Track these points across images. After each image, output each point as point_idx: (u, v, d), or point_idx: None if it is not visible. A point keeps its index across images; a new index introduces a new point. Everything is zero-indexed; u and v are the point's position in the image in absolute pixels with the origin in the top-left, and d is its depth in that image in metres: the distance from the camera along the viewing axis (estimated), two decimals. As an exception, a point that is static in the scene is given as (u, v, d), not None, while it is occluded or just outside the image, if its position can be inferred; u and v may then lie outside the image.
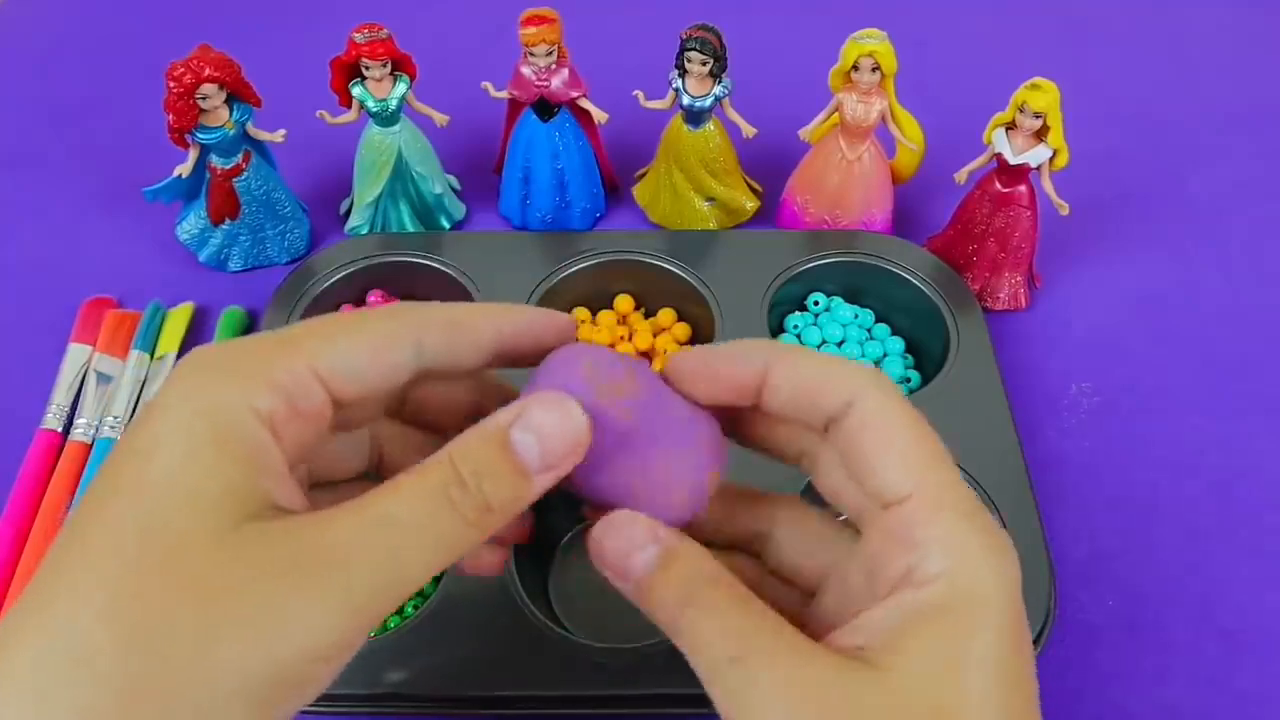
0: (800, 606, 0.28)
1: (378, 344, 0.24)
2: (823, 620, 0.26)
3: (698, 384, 0.27)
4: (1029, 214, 0.54)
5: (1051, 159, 0.52)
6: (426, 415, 0.29)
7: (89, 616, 0.20)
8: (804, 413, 0.26)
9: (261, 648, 0.20)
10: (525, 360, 0.28)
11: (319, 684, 0.22)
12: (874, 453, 0.24)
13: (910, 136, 0.55)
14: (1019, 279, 0.56)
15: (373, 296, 0.56)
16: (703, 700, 0.24)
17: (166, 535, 0.21)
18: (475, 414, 0.25)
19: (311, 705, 0.42)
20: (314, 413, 0.24)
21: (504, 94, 0.57)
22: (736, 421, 0.28)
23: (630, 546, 0.25)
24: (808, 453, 0.27)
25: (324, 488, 0.28)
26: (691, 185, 0.59)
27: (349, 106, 0.55)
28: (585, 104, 0.56)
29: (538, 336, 0.27)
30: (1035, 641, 0.41)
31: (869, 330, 0.55)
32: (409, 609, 0.45)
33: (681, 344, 0.54)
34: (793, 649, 0.23)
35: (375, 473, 0.29)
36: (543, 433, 0.24)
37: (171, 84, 0.51)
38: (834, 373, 0.25)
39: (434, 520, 0.23)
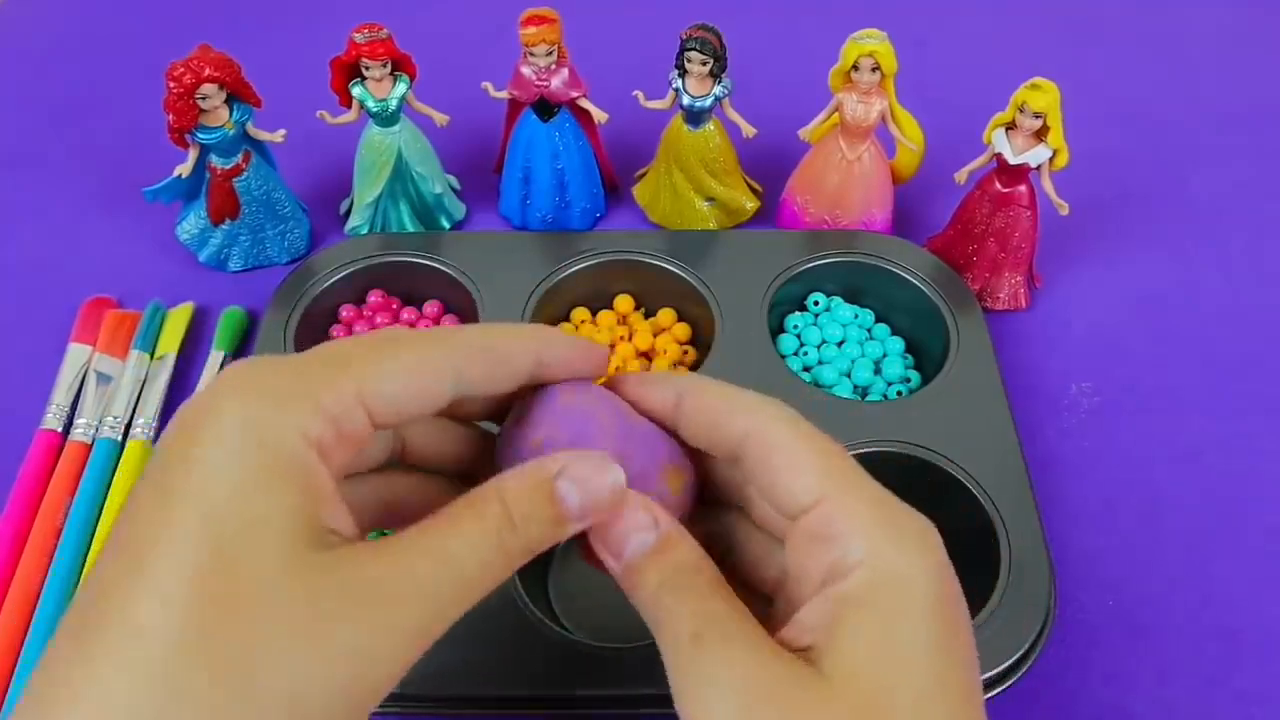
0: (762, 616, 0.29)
1: (421, 373, 0.25)
2: (775, 625, 0.27)
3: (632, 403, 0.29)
4: (1029, 214, 0.54)
5: (1051, 159, 0.52)
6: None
7: (171, 647, 0.20)
8: (714, 444, 0.28)
9: (335, 680, 0.21)
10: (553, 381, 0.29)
11: (373, 708, 0.23)
12: (780, 469, 0.26)
13: (910, 136, 0.55)
14: (1019, 279, 0.56)
15: (373, 296, 0.56)
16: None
17: (238, 566, 0.21)
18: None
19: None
20: (357, 436, 0.24)
21: (504, 94, 0.57)
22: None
23: (631, 528, 0.26)
24: (740, 491, 0.29)
25: (350, 479, 0.28)
26: (691, 185, 0.59)
27: (349, 106, 0.55)
28: (585, 104, 0.56)
29: (574, 367, 0.29)
30: (1035, 642, 0.41)
31: (869, 330, 0.55)
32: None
33: (682, 344, 0.54)
34: (750, 639, 0.24)
35: (399, 460, 0.30)
36: (586, 487, 0.25)
37: (171, 84, 0.51)
38: (734, 402, 0.28)
39: (488, 560, 0.24)
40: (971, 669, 0.24)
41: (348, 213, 0.61)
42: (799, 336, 0.55)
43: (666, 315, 0.55)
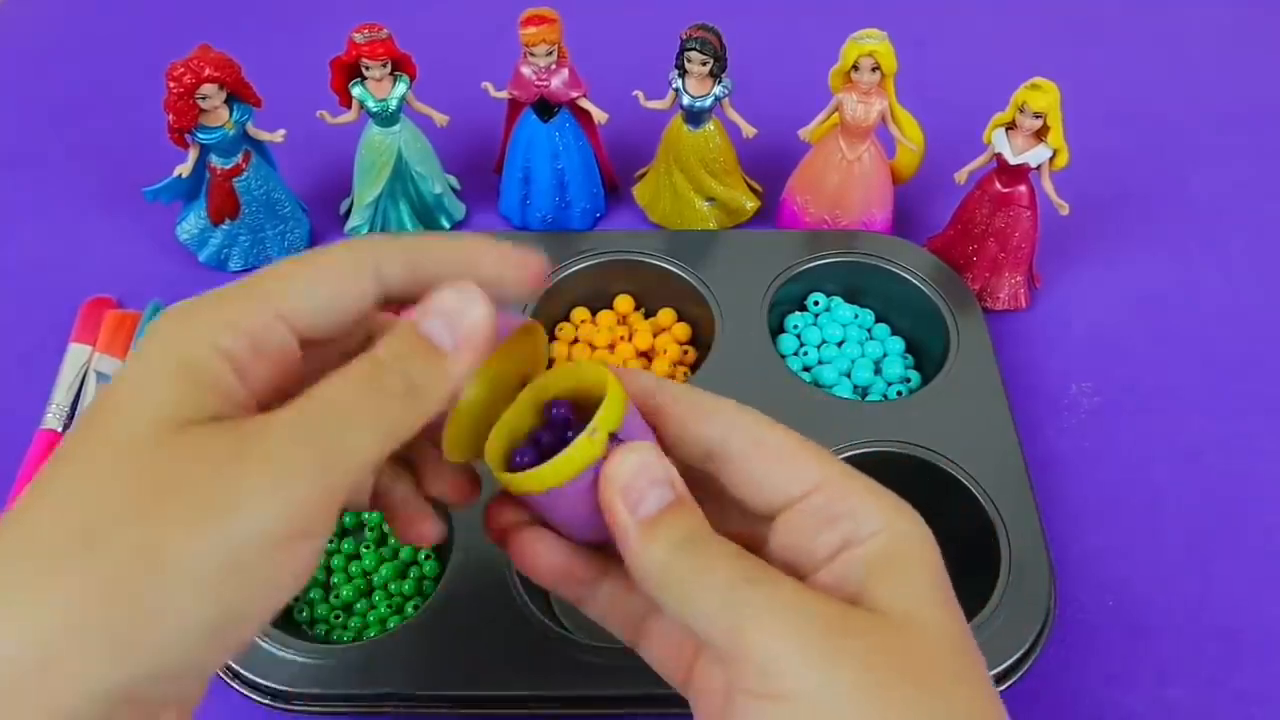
0: None
1: (336, 276, 0.25)
2: None
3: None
4: (1029, 214, 0.54)
5: (1051, 159, 0.52)
6: None
7: (49, 521, 0.21)
8: (691, 439, 0.28)
9: (210, 534, 0.21)
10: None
11: (281, 578, 0.23)
12: (768, 462, 0.27)
13: (910, 136, 0.55)
14: (1019, 279, 0.56)
15: (373, 296, 0.56)
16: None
17: (115, 443, 0.22)
18: None
19: (311, 706, 0.41)
20: (280, 352, 0.25)
21: (504, 94, 0.57)
22: None
23: (649, 482, 0.25)
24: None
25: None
26: (691, 185, 0.59)
27: (349, 106, 0.55)
28: (585, 104, 0.56)
29: (503, 270, 0.27)
30: (1035, 642, 0.41)
31: (869, 330, 0.55)
32: (409, 609, 0.45)
33: (682, 344, 0.54)
34: (797, 584, 0.25)
35: None
36: (446, 313, 0.25)
37: (171, 84, 0.51)
38: (715, 404, 0.28)
39: (365, 398, 0.24)
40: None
41: (348, 213, 0.61)
42: (799, 336, 0.55)
43: (666, 315, 0.55)
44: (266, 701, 0.41)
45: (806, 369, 0.53)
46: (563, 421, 0.27)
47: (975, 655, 0.25)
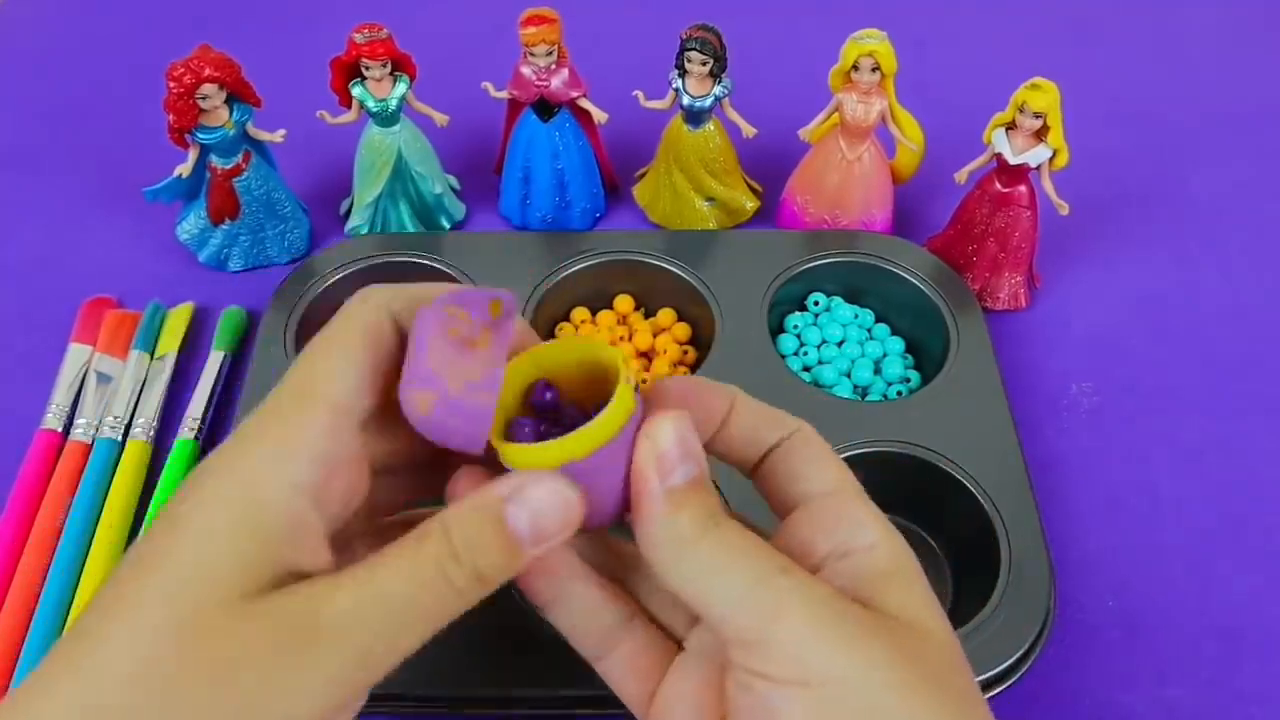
0: None
1: (362, 340, 0.26)
2: None
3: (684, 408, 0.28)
4: (1029, 214, 0.54)
5: (1051, 159, 0.52)
6: None
7: (112, 680, 0.21)
8: (749, 444, 0.29)
9: (258, 714, 0.22)
10: None
11: None
12: (806, 463, 0.28)
13: (910, 136, 0.55)
14: (1019, 279, 0.56)
15: (373, 296, 0.56)
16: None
17: (183, 608, 0.22)
18: None
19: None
20: (352, 454, 0.25)
21: (504, 94, 0.57)
22: None
23: (684, 452, 0.25)
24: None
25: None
26: (691, 185, 0.59)
27: (349, 106, 0.55)
28: (585, 104, 0.56)
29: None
30: (1035, 642, 0.41)
31: (869, 330, 0.55)
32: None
33: (682, 344, 0.54)
34: (821, 579, 0.25)
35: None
36: (537, 510, 0.24)
37: (171, 84, 0.51)
38: (778, 414, 0.29)
39: (427, 593, 0.24)
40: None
41: (348, 213, 0.61)
42: (799, 336, 0.55)
43: (666, 315, 0.55)
44: (266, 701, 0.40)
45: (806, 369, 0.53)
46: (550, 407, 0.27)
47: (970, 670, 0.26)
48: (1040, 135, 0.51)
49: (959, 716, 0.24)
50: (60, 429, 0.51)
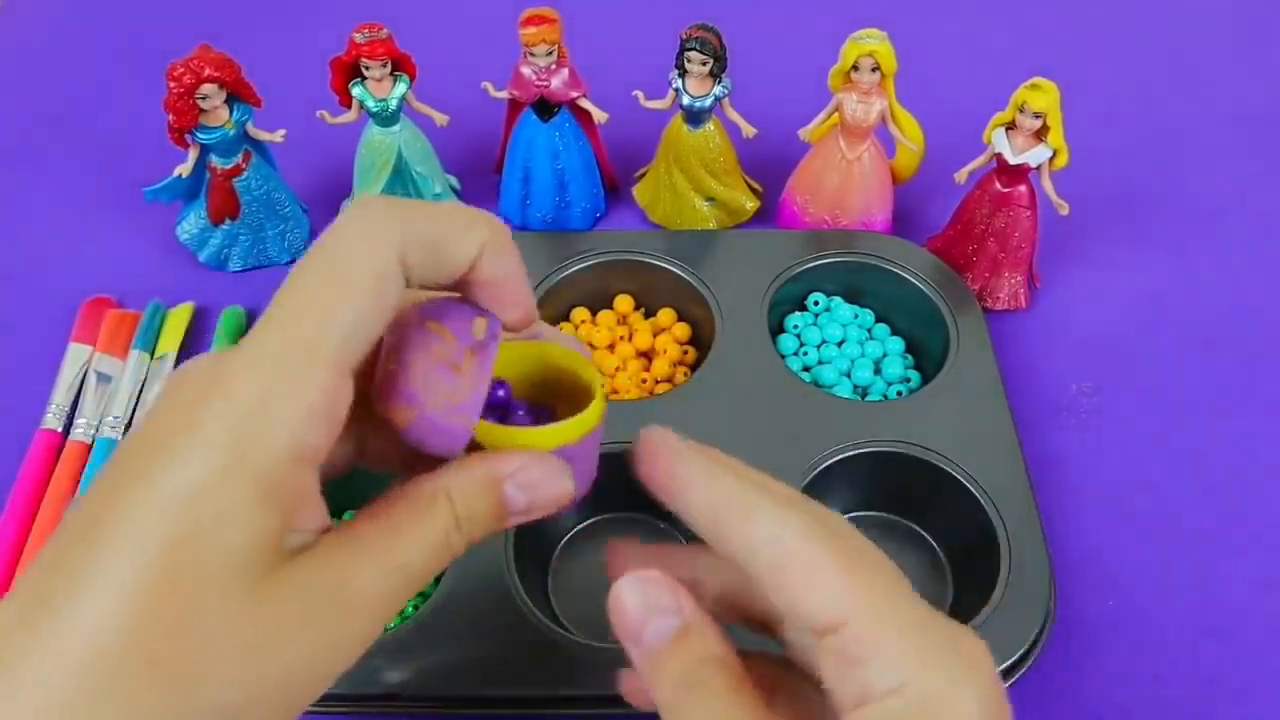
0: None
1: (370, 292, 0.23)
2: None
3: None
4: (1029, 214, 0.54)
5: (1051, 159, 0.52)
6: None
7: (114, 653, 0.20)
8: (721, 545, 0.25)
9: (273, 694, 0.22)
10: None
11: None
12: (796, 585, 0.23)
13: (910, 136, 0.55)
14: (1019, 279, 0.56)
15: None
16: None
17: (190, 578, 0.21)
18: None
19: (311, 705, 0.42)
20: (344, 410, 0.23)
21: (504, 94, 0.57)
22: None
23: (652, 609, 0.25)
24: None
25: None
26: (691, 185, 0.59)
27: (349, 106, 0.55)
28: (585, 104, 0.56)
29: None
30: (1035, 642, 0.41)
31: (869, 330, 0.55)
32: (409, 609, 0.45)
33: (682, 344, 0.54)
34: None
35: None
36: (535, 492, 0.25)
37: (171, 84, 0.51)
38: (748, 501, 0.25)
39: (435, 559, 0.25)
40: None
41: (348, 213, 0.61)
42: (799, 336, 0.55)
43: (666, 315, 0.55)
44: (266, 701, 0.41)
45: (806, 369, 0.53)
46: (502, 404, 0.27)
47: None
48: (1040, 135, 0.51)
49: None
50: (60, 429, 0.51)
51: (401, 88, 0.55)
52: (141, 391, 0.52)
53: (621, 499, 0.45)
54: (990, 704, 0.22)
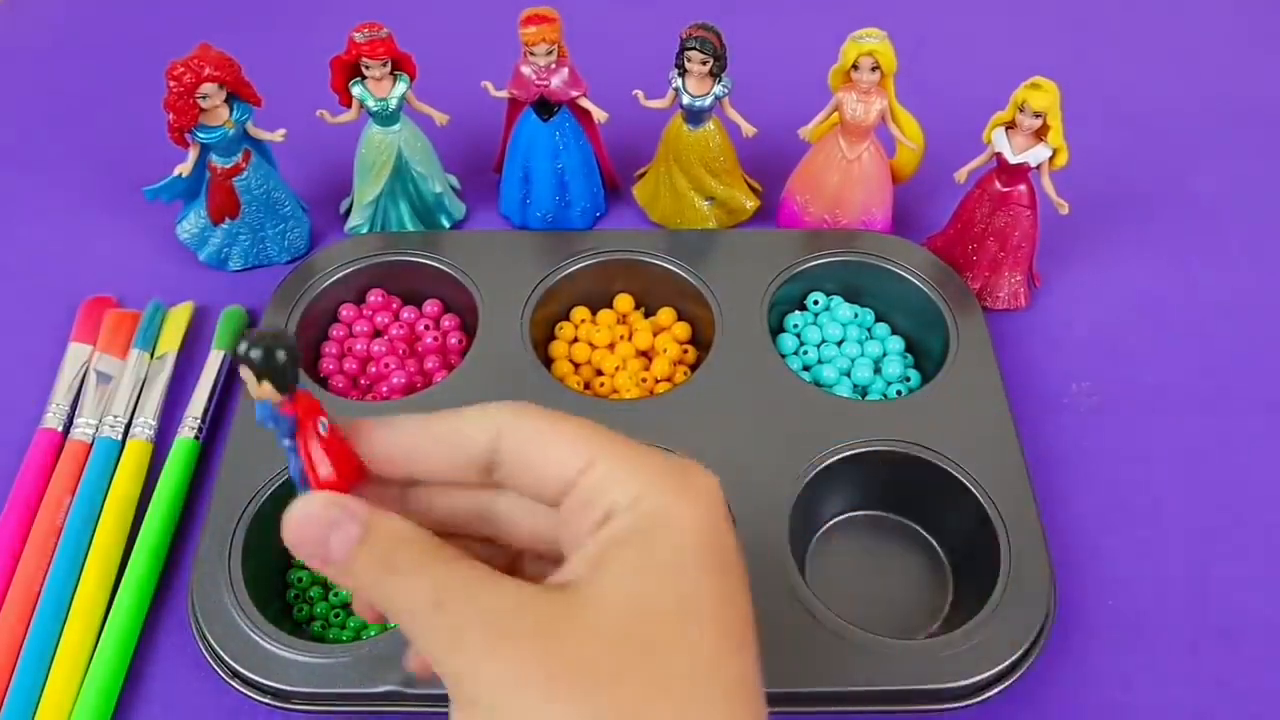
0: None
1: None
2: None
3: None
4: (1029, 213, 0.54)
5: (1051, 158, 0.52)
6: None
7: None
8: (463, 465, 0.27)
9: None
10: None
11: None
12: (536, 458, 0.26)
13: (910, 136, 0.55)
14: (1019, 278, 0.56)
15: (373, 296, 0.56)
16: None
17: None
18: None
19: (311, 705, 0.42)
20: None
21: (504, 93, 0.57)
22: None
23: (327, 529, 0.25)
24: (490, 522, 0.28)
25: None
26: (691, 185, 0.59)
27: (349, 106, 0.55)
28: (585, 103, 0.56)
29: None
30: (1035, 642, 0.41)
31: (869, 330, 0.55)
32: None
33: (682, 344, 0.54)
34: (492, 585, 0.24)
35: None
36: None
37: (171, 83, 0.51)
38: (473, 413, 0.26)
39: None
40: (740, 597, 0.25)
41: (348, 212, 0.61)
42: (799, 336, 0.55)
43: (666, 315, 0.55)
44: (266, 701, 0.41)
45: (806, 369, 0.53)
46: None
47: (666, 636, 0.23)
48: (1040, 135, 0.51)
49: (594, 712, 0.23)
50: (60, 428, 0.51)
51: (401, 87, 0.55)
52: (141, 391, 0.52)
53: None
54: (714, 526, 0.25)
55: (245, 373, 0.24)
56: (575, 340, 0.55)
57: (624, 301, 0.56)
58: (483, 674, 0.23)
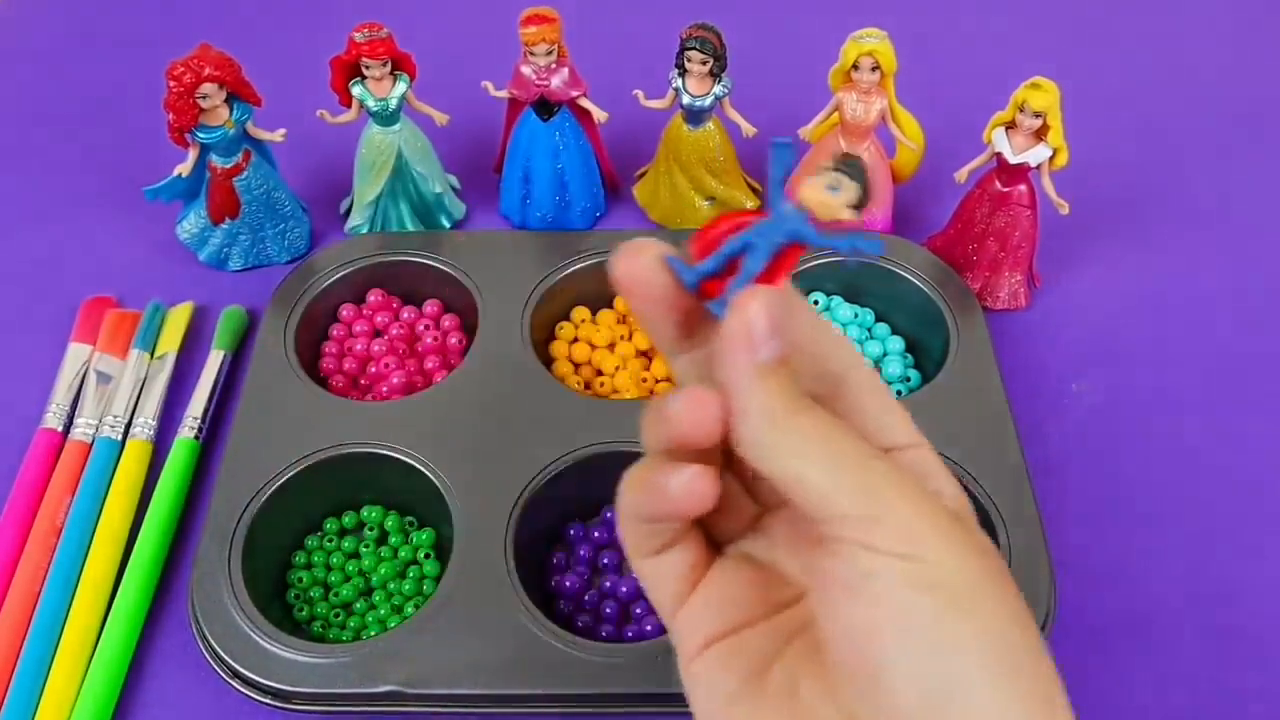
0: None
1: None
2: None
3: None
4: (1029, 213, 0.54)
5: (1051, 158, 0.52)
6: None
7: None
8: (823, 369, 0.28)
9: None
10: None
11: None
12: (884, 410, 0.29)
13: (910, 136, 0.55)
14: (1019, 278, 0.56)
15: (373, 296, 0.56)
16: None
17: None
18: None
19: (311, 705, 0.42)
20: None
21: (504, 93, 0.57)
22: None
23: (773, 328, 0.24)
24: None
25: None
26: (691, 184, 0.59)
27: (349, 106, 0.55)
28: (585, 103, 0.56)
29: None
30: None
31: (869, 330, 0.55)
32: (409, 609, 0.45)
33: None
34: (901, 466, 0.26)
35: None
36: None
37: (171, 83, 0.51)
38: (839, 343, 0.29)
39: None
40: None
41: (348, 212, 0.61)
42: (799, 336, 0.55)
43: (666, 315, 0.55)
44: (267, 701, 0.41)
45: (806, 369, 0.53)
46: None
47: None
48: (1040, 135, 0.51)
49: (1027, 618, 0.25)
50: (60, 428, 0.51)
51: (401, 87, 0.55)
52: (141, 391, 0.52)
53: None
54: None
55: (835, 178, 0.25)
56: (575, 340, 0.55)
57: (624, 301, 0.56)
58: (926, 528, 0.24)
